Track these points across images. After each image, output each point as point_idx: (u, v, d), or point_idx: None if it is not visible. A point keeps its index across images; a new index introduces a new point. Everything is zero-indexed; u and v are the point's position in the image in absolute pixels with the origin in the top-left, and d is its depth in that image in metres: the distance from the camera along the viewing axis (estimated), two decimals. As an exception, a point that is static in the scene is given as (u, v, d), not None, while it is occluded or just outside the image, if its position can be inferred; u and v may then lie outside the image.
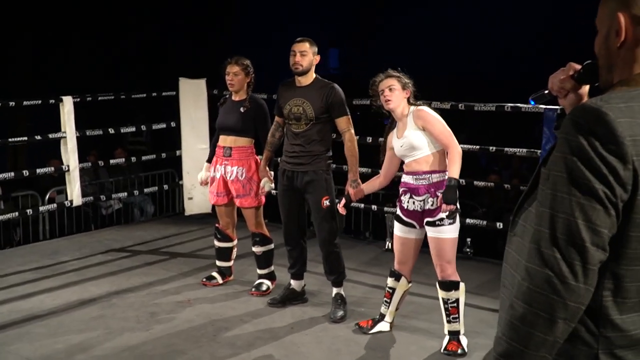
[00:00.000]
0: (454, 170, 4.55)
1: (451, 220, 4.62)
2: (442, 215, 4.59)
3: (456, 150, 4.57)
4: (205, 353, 4.69)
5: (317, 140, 5.32)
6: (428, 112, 4.67)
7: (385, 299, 5.08)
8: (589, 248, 1.53)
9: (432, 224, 4.65)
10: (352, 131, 5.33)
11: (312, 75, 5.38)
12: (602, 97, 1.61)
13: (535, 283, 1.57)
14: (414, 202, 4.70)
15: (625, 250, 1.57)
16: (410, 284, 5.02)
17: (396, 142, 4.76)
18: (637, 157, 1.52)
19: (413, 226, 4.78)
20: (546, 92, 2.05)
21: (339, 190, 5.80)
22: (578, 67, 1.92)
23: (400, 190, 4.84)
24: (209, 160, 6.09)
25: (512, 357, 1.61)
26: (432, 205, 4.63)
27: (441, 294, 4.75)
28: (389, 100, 4.70)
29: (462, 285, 4.73)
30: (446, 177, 4.59)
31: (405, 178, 4.79)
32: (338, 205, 5.19)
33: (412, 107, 4.75)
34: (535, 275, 1.58)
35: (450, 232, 4.64)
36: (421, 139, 4.64)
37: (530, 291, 1.58)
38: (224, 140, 5.88)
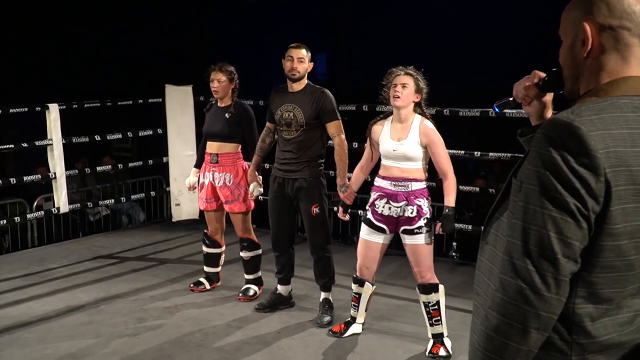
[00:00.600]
0: (452, 199, 4.64)
1: (428, 228, 4.68)
2: (421, 223, 4.64)
3: (453, 179, 4.65)
4: (192, 358, 4.73)
5: (308, 146, 5.33)
6: (435, 133, 4.65)
7: (353, 303, 5.12)
8: (560, 260, 1.56)
9: (410, 232, 4.69)
10: (343, 136, 5.34)
11: (305, 81, 5.39)
12: (574, 109, 1.63)
13: (509, 294, 1.61)
14: (390, 208, 4.73)
15: (597, 259, 1.61)
16: (374, 286, 5.06)
17: (388, 143, 4.73)
18: (609, 169, 1.54)
19: (383, 231, 4.79)
20: (510, 99, 2.08)
21: (330, 196, 5.83)
22: (543, 75, 1.94)
23: (375, 194, 4.82)
24: (197, 166, 6.12)
25: None
26: (411, 213, 4.66)
27: (422, 297, 4.79)
28: (397, 97, 4.63)
29: (441, 287, 4.78)
30: (426, 197, 4.71)
31: (381, 182, 4.79)
32: (338, 213, 5.22)
33: (418, 116, 4.71)
34: (508, 287, 1.61)
35: (427, 238, 4.69)
36: (418, 153, 4.66)
37: (503, 302, 1.61)
38: (211, 147, 5.92)
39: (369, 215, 4.84)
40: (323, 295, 5.52)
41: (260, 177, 5.74)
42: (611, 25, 1.68)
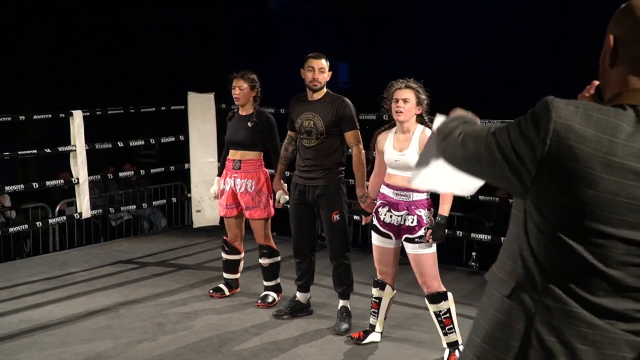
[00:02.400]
0: (446, 208, 4.63)
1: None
2: (421, 232, 4.65)
3: None
4: (210, 363, 4.75)
5: (328, 154, 5.36)
6: None
7: (372, 309, 5.13)
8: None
9: (411, 240, 4.70)
10: (361, 146, 5.36)
11: (324, 90, 5.43)
12: (571, 100, 1.68)
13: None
14: (391, 216, 4.75)
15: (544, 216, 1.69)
16: (394, 292, 5.07)
17: (392, 153, 4.75)
18: (557, 138, 1.61)
19: (389, 237, 4.82)
20: None
21: (350, 204, 5.84)
22: (597, 83, 1.96)
23: (379, 201, 4.86)
24: (220, 174, 6.15)
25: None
26: (412, 222, 4.68)
27: (432, 307, 4.78)
28: (400, 112, 4.67)
29: (449, 295, 4.76)
30: (425, 205, 4.71)
31: (385, 190, 4.82)
32: (362, 221, 5.25)
33: (420, 126, 4.75)
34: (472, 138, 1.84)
35: (429, 247, 4.70)
36: None
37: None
38: (234, 154, 5.96)
39: (375, 222, 4.89)
40: (341, 303, 5.53)
41: (285, 185, 5.77)
42: (632, 40, 1.71)
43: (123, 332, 5.30)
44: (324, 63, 5.35)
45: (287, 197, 5.75)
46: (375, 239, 4.92)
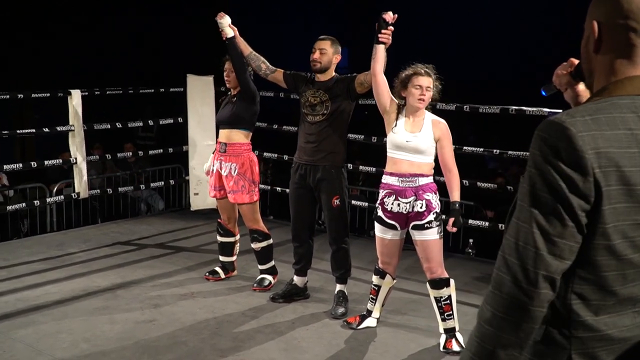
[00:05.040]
0: (458, 194, 4.69)
1: (438, 222, 4.69)
2: (431, 217, 4.65)
3: (457, 175, 4.71)
4: (206, 345, 4.76)
5: (331, 135, 5.35)
6: (447, 128, 4.72)
7: (371, 295, 5.14)
8: (544, 256, 1.60)
9: (420, 227, 4.69)
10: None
11: (332, 73, 5.44)
12: (569, 111, 1.65)
13: (500, 288, 1.65)
14: (399, 205, 4.73)
15: (592, 258, 1.64)
16: (395, 281, 5.08)
17: (403, 134, 4.72)
18: (599, 170, 1.57)
19: (394, 228, 4.80)
20: (553, 84, 2.10)
21: (349, 190, 5.84)
22: (576, 62, 1.96)
23: (383, 192, 4.83)
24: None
25: (482, 356, 1.68)
26: (420, 207, 4.67)
27: (433, 293, 4.80)
28: (422, 100, 4.68)
29: (452, 281, 4.78)
30: (434, 189, 4.73)
31: (389, 179, 4.79)
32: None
33: (428, 113, 4.78)
34: (499, 281, 1.66)
35: (437, 233, 4.71)
36: (430, 147, 4.69)
37: (495, 296, 1.67)
38: (221, 136, 5.97)
39: (380, 213, 4.86)
40: (338, 287, 5.54)
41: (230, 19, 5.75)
42: (617, 25, 1.69)
43: (120, 313, 5.30)
44: (327, 44, 5.37)
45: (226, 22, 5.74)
46: (379, 230, 4.89)
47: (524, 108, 6.39)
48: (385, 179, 4.83)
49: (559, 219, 1.59)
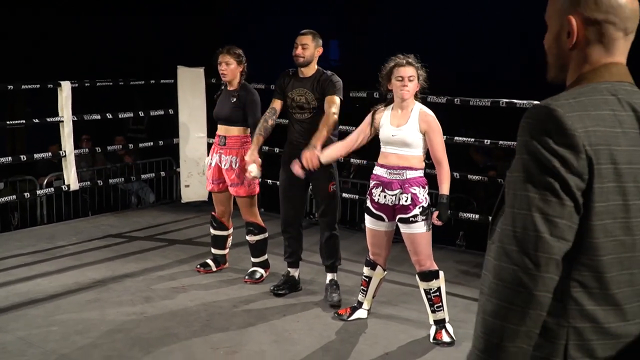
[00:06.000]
0: (446, 187, 4.66)
1: (424, 216, 4.69)
2: (416, 211, 4.65)
3: (447, 168, 4.66)
4: (198, 337, 4.77)
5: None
6: (435, 120, 4.67)
7: (362, 287, 5.15)
8: (546, 238, 1.58)
9: (406, 220, 4.69)
10: (337, 116, 5.28)
11: (314, 67, 5.48)
12: (552, 97, 1.66)
13: (503, 278, 1.62)
14: (385, 196, 4.74)
15: (590, 240, 1.62)
16: (385, 272, 5.09)
17: (389, 129, 4.73)
18: (590, 147, 1.58)
19: (382, 219, 4.81)
20: None
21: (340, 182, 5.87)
22: None
23: (372, 182, 4.85)
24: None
25: (490, 352, 1.64)
26: (405, 201, 4.67)
27: (422, 285, 4.82)
28: (406, 91, 4.66)
29: (441, 273, 4.80)
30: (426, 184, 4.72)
31: (378, 171, 4.81)
32: (293, 167, 5.01)
33: (417, 104, 4.73)
34: (501, 272, 1.63)
35: (423, 227, 4.70)
36: (417, 140, 4.66)
37: (498, 287, 1.63)
38: (220, 130, 5.96)
39: (368, 204, 4.88)
40: (329, 276, 5.58)
41: (260, 160, 5.52)
42: (597, 19, 1.70)
43: (111, 305, 5.31)
44: (309, 39, 5.41)
45: (259, 172, 5.48)
46: (368, 221, 4.91)
47: (515, 101, 6.40)
48: (375, 170, 4.85)
49: (558, 198, 1.58)
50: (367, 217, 4.93)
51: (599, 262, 1.64)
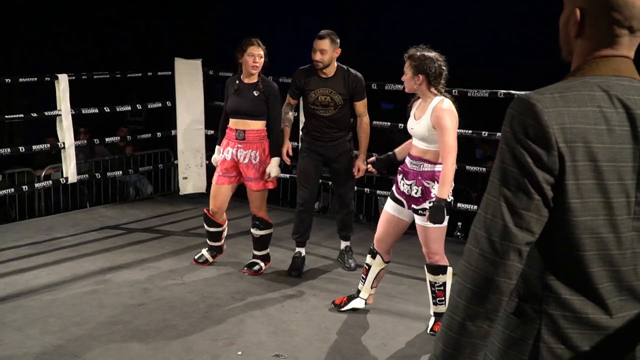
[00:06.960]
0: (443, 190, 4.47)
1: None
2: (426, 205, 4.60)
3: (448, 168, 4.46)
4: (196, 328, 4.77)
5: (343, 121, 5.89)
6: (447, 117, 4.46)
7: (362, 275, 5.14)
8: (511, 228, 1.65)
9: (416, 212, 4.67)
10: (367, 115, 5.92)
11: (335, 65, 5.73)
12: (540, 89, 1.70)
13: (469, 262, 1.70)
14: (403, 185, 4.73)
15: (569, 235, 1.68)
16: (386, 264, 5.03)
17: (410, 121, 4.72)
18: (564, 144, 1.62)
19: (402, 204, 4.77)
20: None
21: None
22: None
23: (399, 168, 4.86)
24: (220, 143, 6.00)
25: (453, 329, 1.72)
26: (416, 193, 4.63)
27: (429, 277, 4.80)
28: (404, 86, 4.74)
29: (449, 269, 4.77)
30: (435, 182, 4.58)
31: (407, 159, 4.78)
32: (368, 166, 5.19)
33: (437, 97, 4.57)
34: (470, 255, 1.71)
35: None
36: (430, 134, 4.54)
37: (465, 268, 1.71)
38: (237, 124, 5.79)
39: (393, 188, 4.87)
40: (344, 243, 6.24)
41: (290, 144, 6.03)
42: (602, 15, 1.71)
43: (109, 297, 5.31)
44: (327, 44, 5.62)
45: (277, 171, 5.84)
46: (388, 205, 4.87)
47: (512, 92, 6.39)
48: (406, 158, 4.83)
49: (525, 192, 1.64)
50: (388, 201, 4.90)
51: (580, 257, 1.69)
